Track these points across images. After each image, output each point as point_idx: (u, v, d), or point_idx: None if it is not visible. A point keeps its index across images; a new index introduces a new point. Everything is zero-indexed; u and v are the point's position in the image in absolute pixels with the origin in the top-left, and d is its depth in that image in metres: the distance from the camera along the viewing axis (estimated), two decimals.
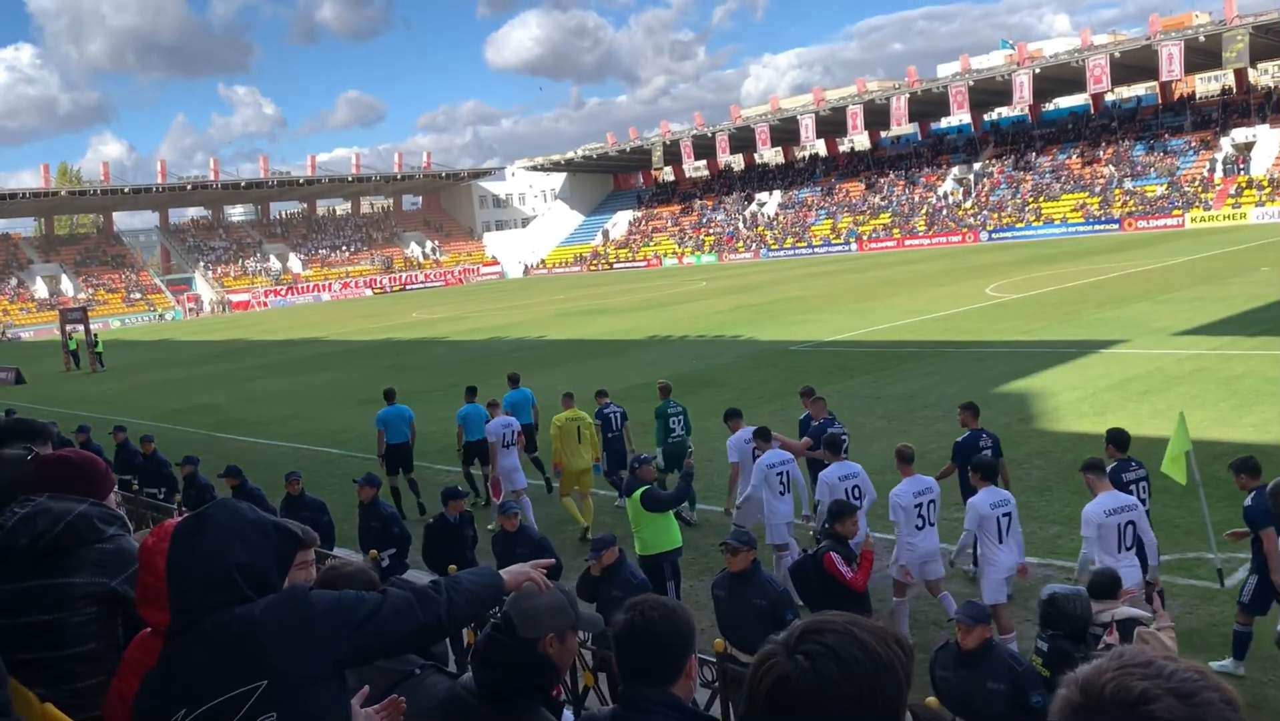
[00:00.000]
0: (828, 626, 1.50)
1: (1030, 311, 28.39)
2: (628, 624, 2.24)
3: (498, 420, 13.01)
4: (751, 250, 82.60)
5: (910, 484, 8.34)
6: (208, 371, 36.20)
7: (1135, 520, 7.29)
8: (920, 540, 8.22)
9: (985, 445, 9.86)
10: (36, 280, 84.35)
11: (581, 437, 12.39)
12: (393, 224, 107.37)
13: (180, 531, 2.14)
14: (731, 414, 11.18)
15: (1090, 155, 72.42)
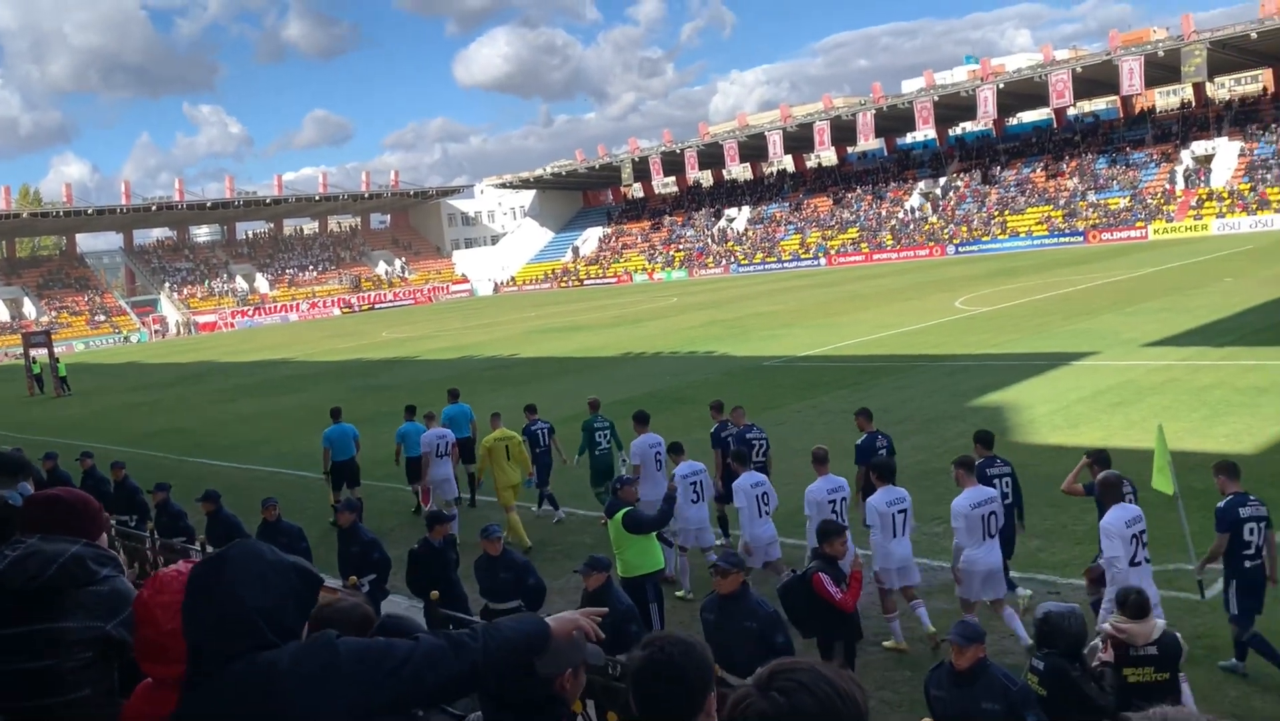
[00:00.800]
0: (796, 665, 1.68)
1: (1000, 324, 28.65)
2: (648, 660, 2.18)
3: (432, 432, 13.78)
4: (721, 265, 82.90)
5: (824, 482, 9.11)
6: (176, 394, 35.75)
7: (996, 511, 8.18)
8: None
9: (881, 446, 10.77)
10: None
11: (510, 455, 13.01)
12: (361, 242, 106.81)
13: (198, 574, 2.05)
14: (639, 417, 12.00)
15: (1054, 169, 73.40)
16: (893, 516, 8.45)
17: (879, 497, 8.53)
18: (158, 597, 2.01)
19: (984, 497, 8.20)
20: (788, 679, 1.64)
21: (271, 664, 2.00)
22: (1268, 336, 21.70)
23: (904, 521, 8.53)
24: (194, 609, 2.03)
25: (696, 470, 10.55)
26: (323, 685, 1.99)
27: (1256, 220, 58.33)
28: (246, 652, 2.01)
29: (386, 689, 2.06)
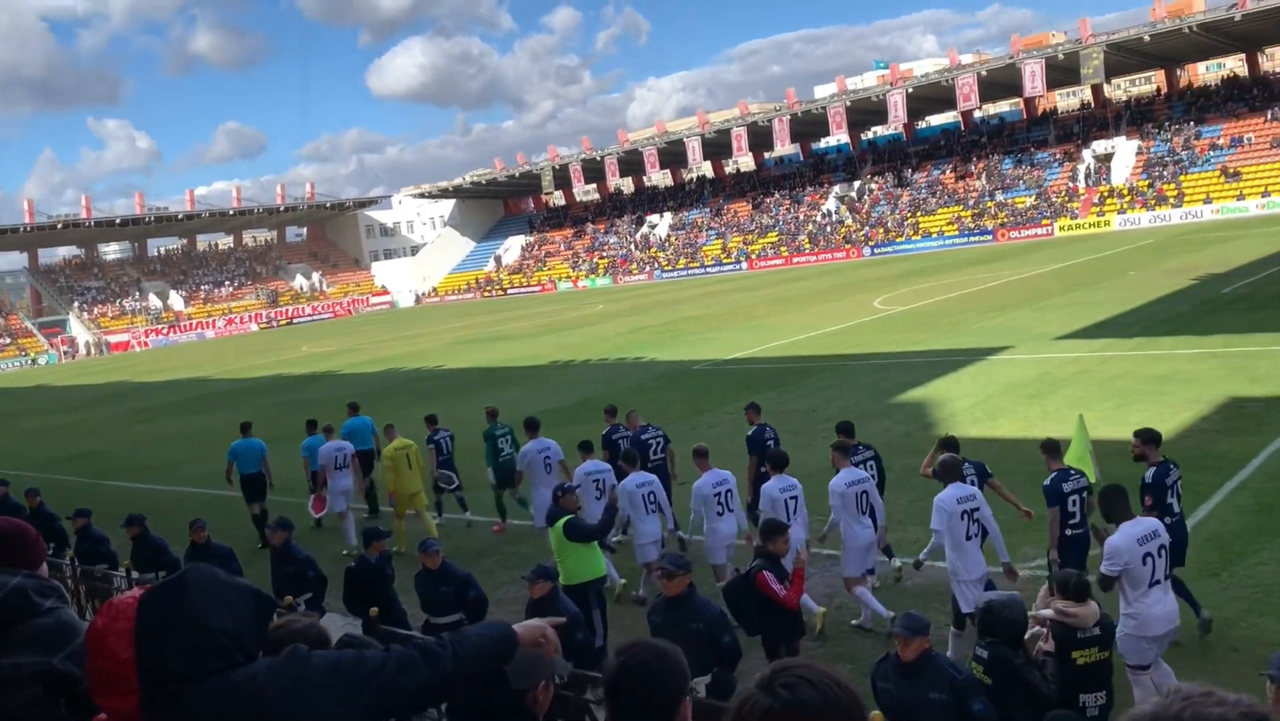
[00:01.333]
0: (796, 663, 1.73)
1: (918, 322, 29.31)
2: (621, 667, 2.20)
3: (331, 444, 14.17)
4: (645, 272, 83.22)
5: (710, 476, 9.73)
6: (89, 416, 34.62)
7: (868, 490, 9.08)
8: (722, 524, 9.64)
9: (769, 437, 11.52)
10: None
11: (411, 463, 13.46)
12: (277, 257, 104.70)
13: (155, 599, 2.01)
14: (530, 424, 12.68)
15: (963, 170, 75.33)
16: (784, 502, 9.07)
17: (772, 485, 9.18)
18: (113, 625, 1.96)
19: (857, 478, 9.18)
20: (790, 675, 1.69)
21: (249, 679, 1.98)
22: (1171, 327, 22.61)
23: (795, 507, 9.13)
24: (153, 634, 2.00)
25: (601, 469, 11.06)
26: (300, 696, 1.99)
27: (1155, 215, 60.66)
28: (217, 672, 1.98)
29: (362, 697, 2.05)
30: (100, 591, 9.58)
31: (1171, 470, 8.19)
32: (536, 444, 12.26)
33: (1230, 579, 9.18)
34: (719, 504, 9.58)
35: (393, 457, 13.44)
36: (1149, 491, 7.96)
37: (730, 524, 9.69)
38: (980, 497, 8.27)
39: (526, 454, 12.27)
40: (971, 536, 7.83)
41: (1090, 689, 5.79)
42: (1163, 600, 6.66)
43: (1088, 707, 5.73)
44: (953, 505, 7.74)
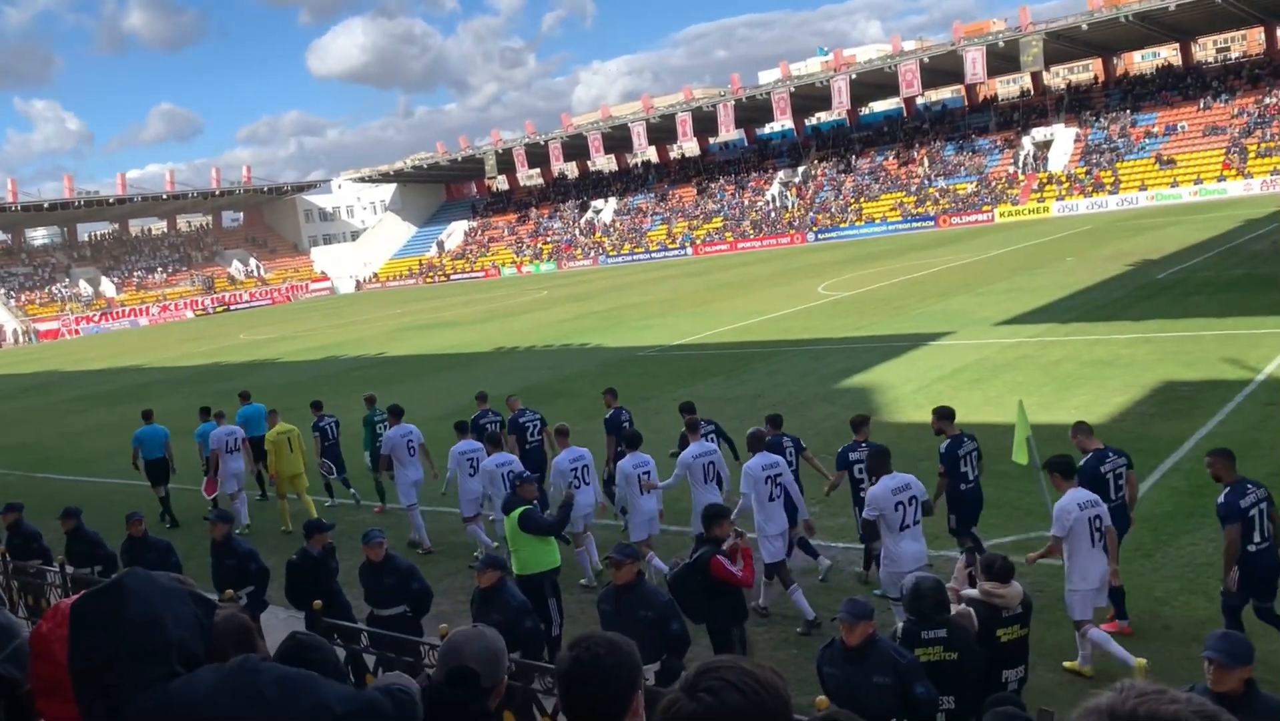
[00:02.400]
0: (721, 664, 1.73)
1: (861, 308, 29.60)
2: (574, 661, 2.18)
3: (223, 429, 14.94)
4: (590, 257, 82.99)
5: (568, 453, 10.68)
6: (18, 406, 33.65)
7: (783, 478, 9.36)
8: (579, 496, 10.24)
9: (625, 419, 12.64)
10: None
11: (293, 447, 14.30)
12: (213, 242, 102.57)
13: (90, 604, 1.92)
14: (394, 410, 13.68)
15: (905, 156, 76.14)
16: (638, 477, 10.03)
17: (627, 462, 10.22)
18: (57, 631, 1.88)
19: (705, 449, 10.07)
20: (714, 678, 1.68)
21: (188, 692, 1.88)
22: (1108, 312, 23.10)
23: (649, 480, 10.13)
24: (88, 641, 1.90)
25: (474, 448, 11.84)
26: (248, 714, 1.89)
27: (1093, 202, 61.89)
28: (156, 682, 1.89)
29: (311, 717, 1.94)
30: (33, 588, 9.32)
31: (965, 442, 9.21)
32: (400, 429, 13.17)
33: (1163, 559, 9.40)
34: (575, 477, 10.45)
35: (274, 441, 14.26)
36: (942, 460, 9.15)
37: (587, 495, 10.57)
38: (783, 465, 9.43)
39: (390, 438, 13.14)
40: (774, 498, 9.17)
41: (1011, 664, 6.08)
42: (912, 544, 7.99)
43: (1009, 681, 6.01)
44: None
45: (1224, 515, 7.05)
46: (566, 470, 10.46)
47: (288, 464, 14.21)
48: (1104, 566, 7.41)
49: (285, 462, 14.20)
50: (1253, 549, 7.01)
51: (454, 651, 2.74)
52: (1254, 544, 7.01)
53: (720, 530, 7.33)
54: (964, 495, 9.15)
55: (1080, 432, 8.74)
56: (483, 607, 6.77)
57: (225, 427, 15.06)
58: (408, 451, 12.99)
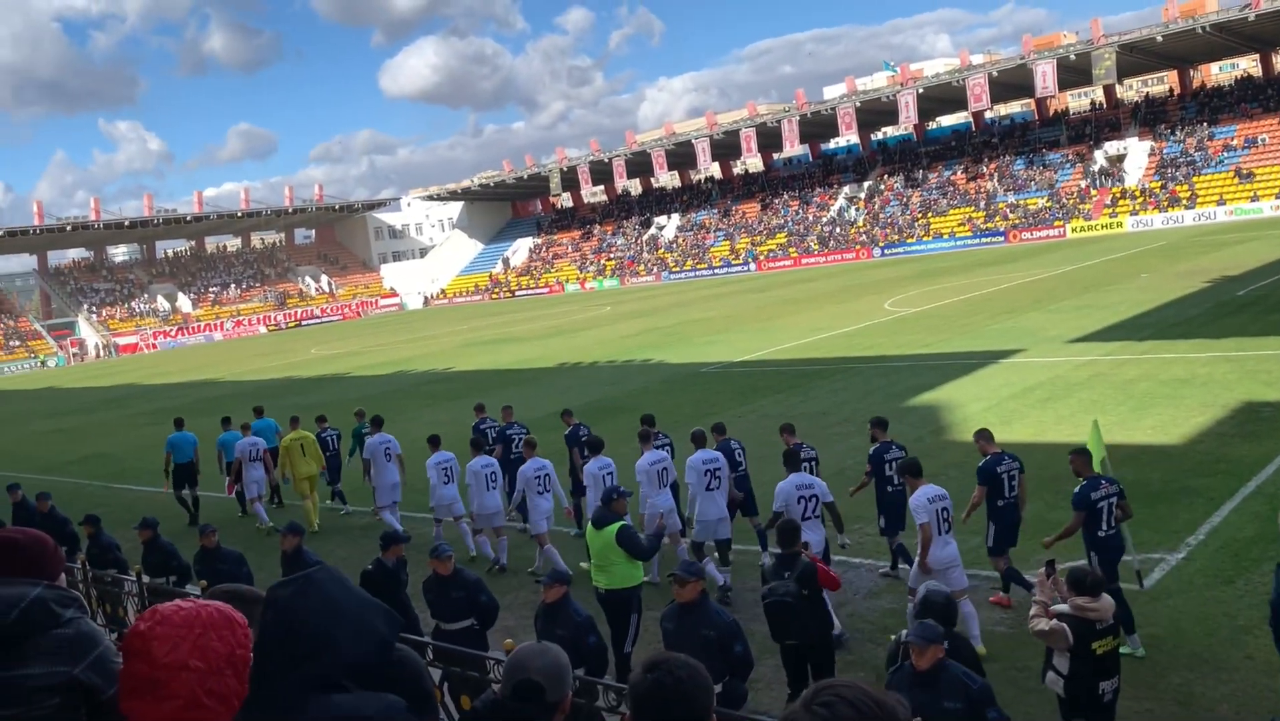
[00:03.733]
0: (838, 682, 1.73)
1: (929, 325, 29.19)
2: (655, 683, 2.15)
3: (246, 440, 16.24)
4: (653, 273, 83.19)
5: (532, 462, 11.76)
6: (98, 419, 34.68)
7: (721, 472, 10.48)
8: (542, 501, 11.56)
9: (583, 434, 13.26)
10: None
11: (306, 452, 15.57)
12: (285, 258, 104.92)
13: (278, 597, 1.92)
14: (375, 420, 14.99)
15: (974, 171, 75.12)
16: (603, 478, 10.99)
17: (592, 465, 11.32)
18: (156, 630, 1.91)
19: (657, 458, 11.02)
20: (831, 694, 1.69)
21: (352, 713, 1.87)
22: (1185, 329, 22.48)
23: (610, 479, 10.98)
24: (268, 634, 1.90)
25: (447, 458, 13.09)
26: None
27: (1168, 217, 60.39)
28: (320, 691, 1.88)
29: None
30: (111, 597, 9.55)
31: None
32: (379, 437, 14.46)
33: (1245, 585, 9.08)
34: (539, 484, 11.56)
35: (288, 446, 15.58)
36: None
37: (549, 501, 11.73)
38: (723, 462, 10.56)
39: (370, 445, 14.40)
40: (712, 488, 10.40)
41: (1108, 676, 6.10)
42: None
43: (1105, 693, 6.01)
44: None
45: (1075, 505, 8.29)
46: (530, 477, 11.65)
47: (300, 466, 15.44)
48: (953, 550, 8.62)
49: (298, 465, 15.43)
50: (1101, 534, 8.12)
51: (519, 666, 2.75)
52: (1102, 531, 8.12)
53: (799, 546, 7.32)
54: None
55: (981, 438, 9.78)
56: (548, 623, 6.78)
57: (248, 439, 16.29)
58: (385, 457, 14.25)
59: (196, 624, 1.93)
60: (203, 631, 1.93)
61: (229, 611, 2.00)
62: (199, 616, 1.95)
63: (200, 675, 1.90)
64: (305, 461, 15.50)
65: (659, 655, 2.27)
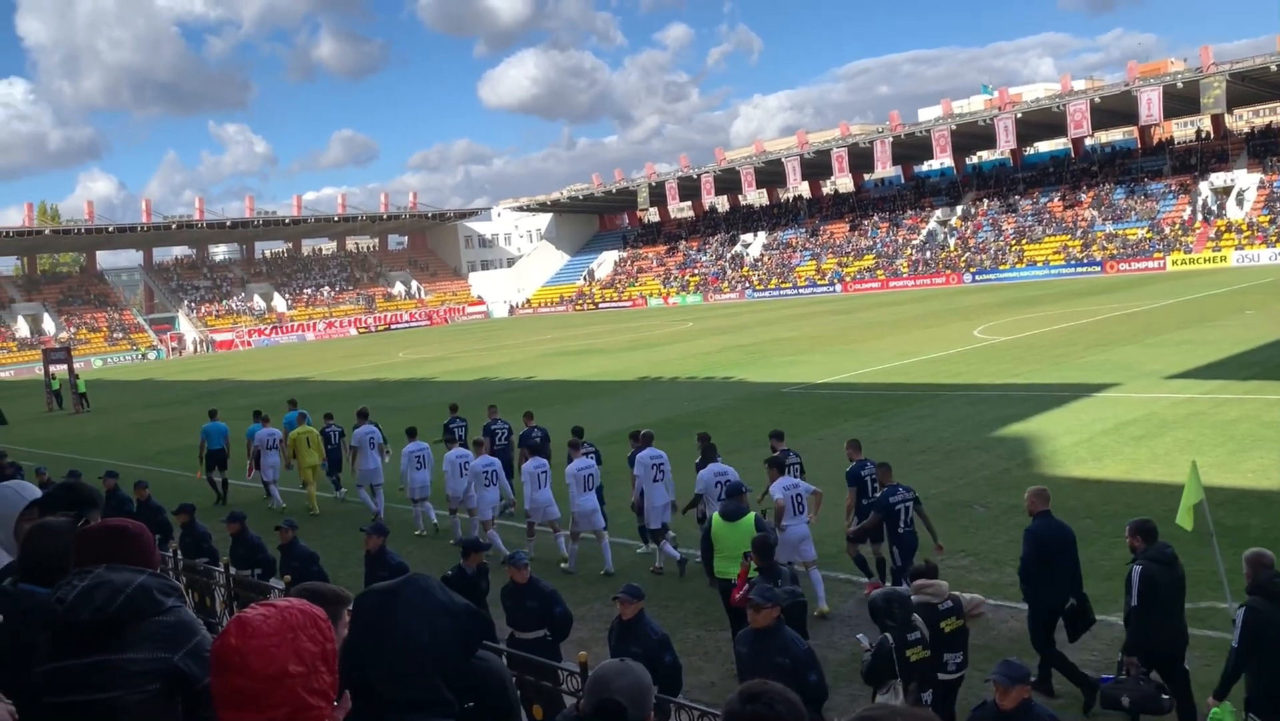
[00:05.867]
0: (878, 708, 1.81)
1: (1019, 354, 28.52)
2: (754, 716, 2.13)
3: (265, 431, 18.57)
4: (736, 290, 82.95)
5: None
6: (193, 411, 35.79)
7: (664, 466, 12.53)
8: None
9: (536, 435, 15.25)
10: (18, 319, 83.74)
11: (310, 444, 17.77)
12: (377, 263, 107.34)
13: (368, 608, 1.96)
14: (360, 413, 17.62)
15: (1072, 198, 73.32)
16: (537, 476, 13.01)
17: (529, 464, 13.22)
18: (250, 643, 1.95)
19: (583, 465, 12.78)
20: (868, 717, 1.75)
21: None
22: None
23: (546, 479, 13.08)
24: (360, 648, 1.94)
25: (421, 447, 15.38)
26: None
27: (1277, 252, 58.08)
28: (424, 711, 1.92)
29: None
30: (201, 586, 9.83)
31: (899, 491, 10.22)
32: (364, 428, 16.91)
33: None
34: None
35: (294, 439, 17.91)
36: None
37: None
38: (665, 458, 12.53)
39: (357, 436, 16.84)
40: (657, 480, 12.33)
41: (953, 650, 7.20)
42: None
43: (948, 663, 7.15)
44: (647, 460, 12.18)
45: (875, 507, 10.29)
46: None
47: (304, 457, 17.63)
48: (803, 528, 10.53)
49: (303, 456, 17.63)
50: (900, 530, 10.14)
51: (602, 684, 2.74)
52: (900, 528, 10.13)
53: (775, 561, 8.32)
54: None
55: (851, 446, 11.64)
56: (623, 639, 6.77)
57: (268, 429, 18.66)
58: (369, 446, 16.75)
59: (286, 629, 1.96)
60: (294, 635, 1.97)
61: (310, 609, 2.03)
62: (286, 621, 1.98)
63: (301, 678, 1.94)
64: (309, 452, 17.68)
65: (758, 685, 2.24)
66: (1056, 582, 8.09)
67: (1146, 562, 7.12)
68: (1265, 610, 6.25)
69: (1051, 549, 8.09)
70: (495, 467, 13.73)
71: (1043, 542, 8.11)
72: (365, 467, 16.77)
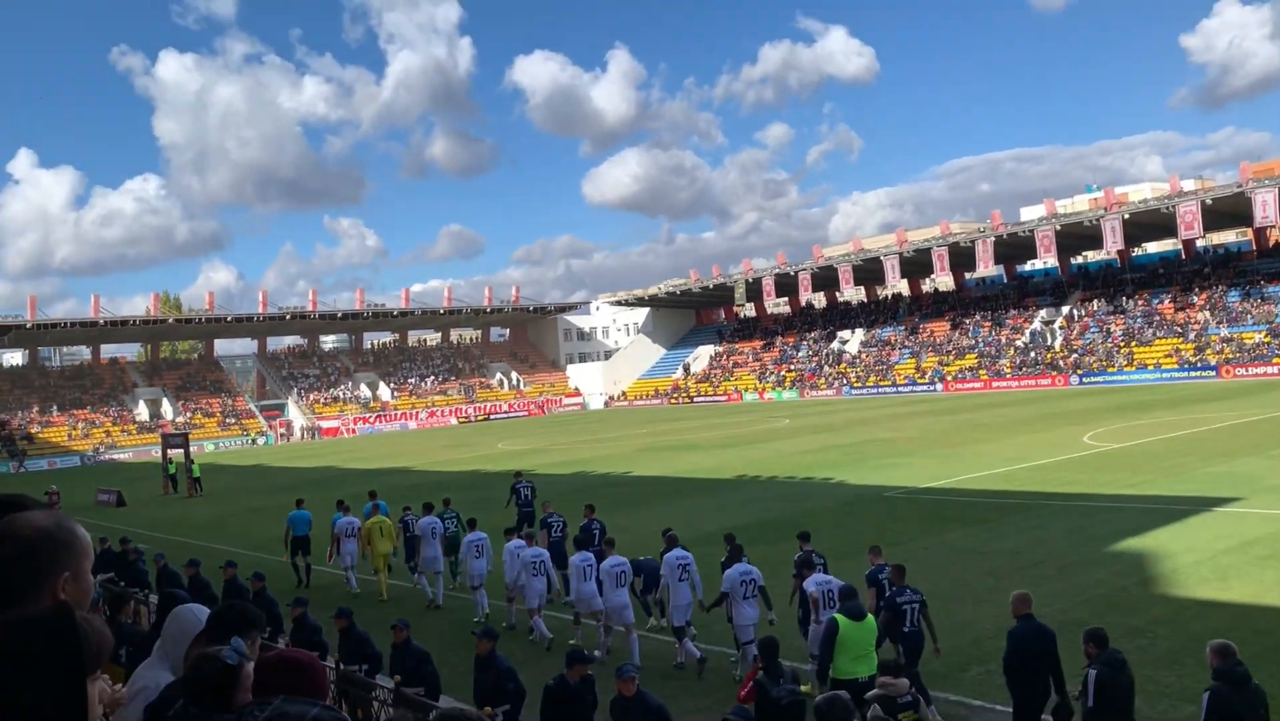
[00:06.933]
0: None
1: (1134, 463, 27.53)
2: None
3: (345, 520, 19.59)
4: (834, 387, 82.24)
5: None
6: (319, 501, 36.71)
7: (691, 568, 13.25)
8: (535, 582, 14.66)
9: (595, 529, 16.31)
10: (139, 403, 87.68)
11: (383, 533, 18.80)
12: (479, 354, 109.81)
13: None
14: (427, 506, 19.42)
15: (1183, 300, 71.24)
16: (584, 570, 13.75)
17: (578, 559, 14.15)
18: None
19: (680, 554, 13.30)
20: None
21: None
22: None
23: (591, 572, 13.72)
24: None
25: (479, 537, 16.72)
26: None
27: None
28: None
29: None
30: (361, 701, 9.92)
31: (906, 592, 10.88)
32: (428, 520, 18.35)
33: None
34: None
35: (369, 527, 18.89)
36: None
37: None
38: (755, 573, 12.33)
39: (421, 525, 18.19)
40: (748, 597, 12.15)
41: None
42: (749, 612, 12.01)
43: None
44: (736, 577, 12.15)
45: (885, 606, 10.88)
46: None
47: (379, 545, 18.65)
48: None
49: (376, 544, 18.65)
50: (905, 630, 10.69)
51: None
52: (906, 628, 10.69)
53: None
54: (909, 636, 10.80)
55: (872, 551, 12.44)
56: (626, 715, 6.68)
57: (347, 518, 19.67)
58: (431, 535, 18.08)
59: None
60: None
61: None
62: None
63: None
64: (382, 540, 18.72)
65: None
66: (1038, 679, 8.97)
67: (1100, 667, 8.04)
68: (1225, 692, 7.16)
69: (1031, 649, 8.98)
70: (544, 558, 14.75)
71: (1023, 640, 9.07)
72: (427, 555, 17.95)
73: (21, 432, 79.28)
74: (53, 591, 2.08)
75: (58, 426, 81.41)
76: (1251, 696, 7.24)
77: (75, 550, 2.16)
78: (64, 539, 2.16)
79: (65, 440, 79.42)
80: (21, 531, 2.12)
